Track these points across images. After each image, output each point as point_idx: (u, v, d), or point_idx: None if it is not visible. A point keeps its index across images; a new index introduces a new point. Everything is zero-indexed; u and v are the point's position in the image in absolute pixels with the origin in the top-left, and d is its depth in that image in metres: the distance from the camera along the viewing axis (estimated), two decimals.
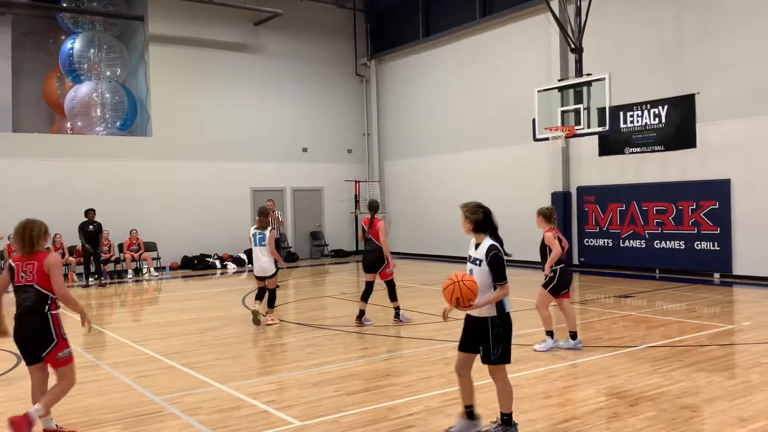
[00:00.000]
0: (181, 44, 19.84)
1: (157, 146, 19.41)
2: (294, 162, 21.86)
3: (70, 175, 17.91)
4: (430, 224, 21.00)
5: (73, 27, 19.57)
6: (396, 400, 5.98)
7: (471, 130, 19.54)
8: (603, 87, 13.01)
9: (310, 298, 13.84)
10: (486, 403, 5.62)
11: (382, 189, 23.08)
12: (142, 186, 18.80)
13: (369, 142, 23.50)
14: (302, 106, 22.02)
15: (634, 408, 5.58)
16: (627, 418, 5.32)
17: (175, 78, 19.73)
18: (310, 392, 6.36)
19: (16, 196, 16.75)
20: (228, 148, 20.49)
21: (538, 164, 17.47)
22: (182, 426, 5.47)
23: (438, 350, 7.95)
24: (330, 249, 22.45)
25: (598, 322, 9.75)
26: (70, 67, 19.28)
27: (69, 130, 19.74)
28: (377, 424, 5.31)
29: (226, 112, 20.52)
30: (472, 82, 19.47)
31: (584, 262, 16.49)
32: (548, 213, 8.63)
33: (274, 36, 21.32)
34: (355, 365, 7.40)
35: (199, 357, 8.10)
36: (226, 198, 20.51)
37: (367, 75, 23.29)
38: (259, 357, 8.09)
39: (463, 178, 19.81)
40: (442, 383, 6.48)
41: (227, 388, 6.59)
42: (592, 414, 5.46)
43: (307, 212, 22.38)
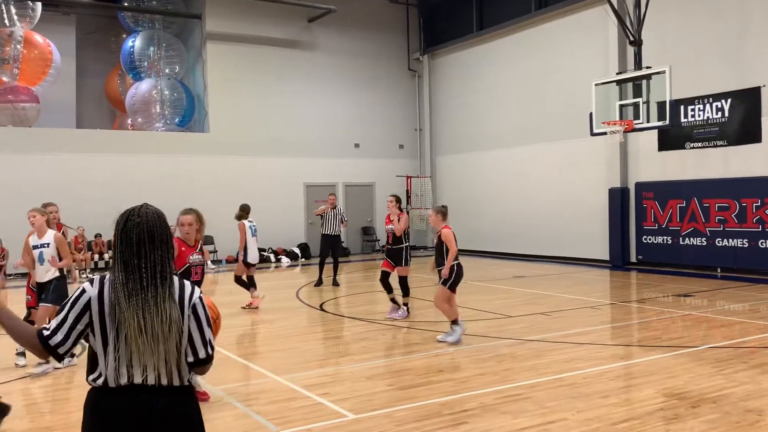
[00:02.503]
0: (237, 41, 20.17)
1: (214, 142, 19.81)
2: (346, 158, 21.98)
3: (130, 170, 18.43)
4: (482, 220, 20.83)
5: (133, 26, 20.12)
6: (449, 396, 5.95)
7: (525, 125, 19.28)
8: (663, 80, 12.64)
9: (361, 293, 13.90)
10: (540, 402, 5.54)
11: (434, 184, 23.01)
12: (199, 181, 19.20)
13: (421, 138, 23.44)
14: (354, 102, 22.12)
15: (695, 410, 5.42)
16: (688, 420, 5.17)
17: (231, 75, 20.08)
18: (363, 386, 6.39)
19: (79, 190, 17.35)
20: (282, 144, 20.74)
21: (594, 160, 17.12)
22: (239, 415, 5.58)
23: (491, 347, 7.88)
24: (381, 244, 22.50)
25: (656, 321, 9.51)
26: (131, 65, 19.83)
27: (130, 126, 20.32)
28: (431, 420, 5.30)
29: (281, 108, 20.77)
30: (527, 76, 19.20)
31: (642, 260, 16.09)
32: (445, 210, 8.49)
33: (327, 32, 21.46)
34: (407, 360, 7.40)
35: (254, 348, 8.25)
36: (280, 193, 20.77)
37: (420, 70, 23.22)
38: (313, 350, 8.17)
39: (516, 174, 19.58)
40: (496, 380, 6.42)
41: (282, 379, 6.68)
42: (652, 415, 5.33)
43: (359, 208, 22.48)
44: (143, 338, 2.41)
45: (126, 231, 2.50)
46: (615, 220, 16.51)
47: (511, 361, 7.16)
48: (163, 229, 2.54)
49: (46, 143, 17.68)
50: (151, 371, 2.45)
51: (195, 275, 5.93)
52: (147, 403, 2.45)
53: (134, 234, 2.48)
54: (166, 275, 2.49)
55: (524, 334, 8.54)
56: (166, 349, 2.45)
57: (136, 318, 2.41)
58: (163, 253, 2.50)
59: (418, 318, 10.46)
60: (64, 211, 16.51)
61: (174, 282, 2.52)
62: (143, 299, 2.42)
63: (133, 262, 2.45)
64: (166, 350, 2.45)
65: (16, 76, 17.82)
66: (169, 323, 2.44)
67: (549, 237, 18.40)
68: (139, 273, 2.45)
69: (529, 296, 12.01)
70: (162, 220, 2.56)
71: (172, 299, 2.47)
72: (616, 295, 12.52)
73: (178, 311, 2.48)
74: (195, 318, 2.52)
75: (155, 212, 2.58)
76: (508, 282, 14.11)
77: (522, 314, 10.03)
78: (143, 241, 2.47)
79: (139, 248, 2.46)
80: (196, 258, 5.97)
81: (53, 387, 6.78)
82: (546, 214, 18.50)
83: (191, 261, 5.92)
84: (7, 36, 17.64)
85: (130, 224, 2.50)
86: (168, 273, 2.50)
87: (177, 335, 2.47)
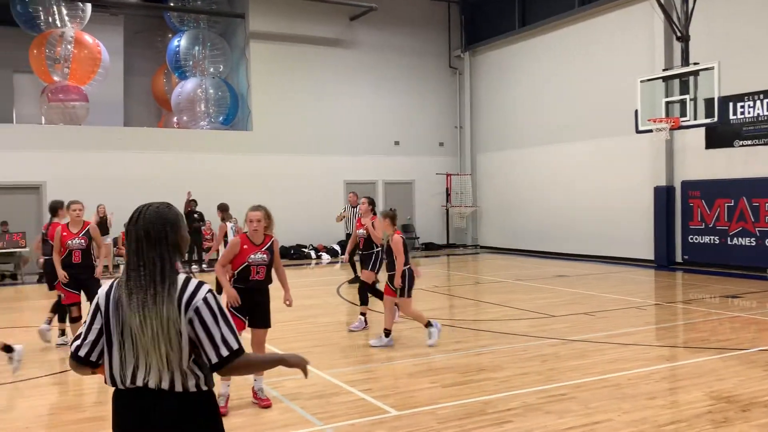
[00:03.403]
0: (280, 40, 20.39)
1: (257, 140, 20.06)
2: (386, 155, 22.02)
3: (175, 167, 18.78)
4: (522, 219, 20.66)
5: (179, 25, 20.50)
6: (492, 394, 5.95)
7: (567, 122, 19.04)
8: (711, 76, 12.34)
9: None
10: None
11: (474, 182, 22.90)
12: (242, 178, 19.45)
13: (461, 135, 23.35)
14: (395, 100, 22.14)
15: (745, 414, 5.31)
16: (738, 424, 5.07)
17: (274, 73, 20.30)
18: (405, 383, 6.42)
19: (126, 186, 17.77)
20: (323, 142, 20.89)
21: (638, 157, 16.82)
22: (284, 410, 5.66)
23: (534, 347, 7.83)
24: (421, 242, 22.51)
25: (703, 323, 9.31)
26: (177, 64, 20.21)
27: (175, 125, 20.72)
28: (474, 418, 5.30)
29: (322, 106, 20.92)
30: (570, 72, 18.96)
31: (688, 260, 15.75)
32: (394, 215, 8.26)
33: (368, 30, 21.53)
34: (448, 358, 7.41)
35: (296, 343, 8.34)
36: (321, 190, 20.93)
37: (461, 67, 23.12)
38: (355, 346, 8.23)
39: (558, 172, 19.36)
40: (539, 380, 6.39)
41: (325, 374, 6.76)
42: (700, 417, 5.24)
43: (398, 205, 22.42)
44: (143, 339, 2.36)
45: (129, 230, 2.49)
46: (660, 219, 16.20)
47: (554, 361, 7.11)
48: (162, 228, 2.46)
49: (94, 141, 18.15)
50: (152, 375, 2.38)
51: (256, 275, 5.80)
52: (147, 408, 2.40)
53: (133, 233, 2.46)
54: (166, 274, 2.41)
55: (567, 334, 8.46)
56: (166, 352, 2.37)
57: (136, 317, 2.37)
58: (162, 252, 2.43)
59: (458, 316, 10.46)
60: (110, 207, 17.02)
61: (177, 281, 2.43)
62: (142, 299, 2.38)
63: (134, 261, 2.43)
64: (167, 353, 2.37)
65: (66, 76, 18.32)
66: (167, 324, 2.36)
67: (592, 236, 18.15)
68: (138, 272, 2.41)
69: (572, 296, 11.88)
70: (162, 219, 2.48)
71: (171, 300, 2.38)
72: (662, 295, 12.29)
73: (176, 312, 2.38)
74: (200, 320, 2.40)
75: (156, 211, 2.50)
76: (551, 281, 13.98)
77: (565, 314, 9.93)
78: (141, 240, 2.44)
79: (138, 247, 2.43)
80: (258, 257, 5.80)
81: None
82: (589, 213, 18.25)
83: (251, 260, 5.78)
84: (58, 36, 18.15)
85: (131, 223, 2.49)
86: (168, 272, 2.42)
87: (176, 337, 2.38)
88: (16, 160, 17.07)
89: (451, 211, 22.97)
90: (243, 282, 5.80)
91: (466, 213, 22.90)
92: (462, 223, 23.05)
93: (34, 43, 18.15)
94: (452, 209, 22.90)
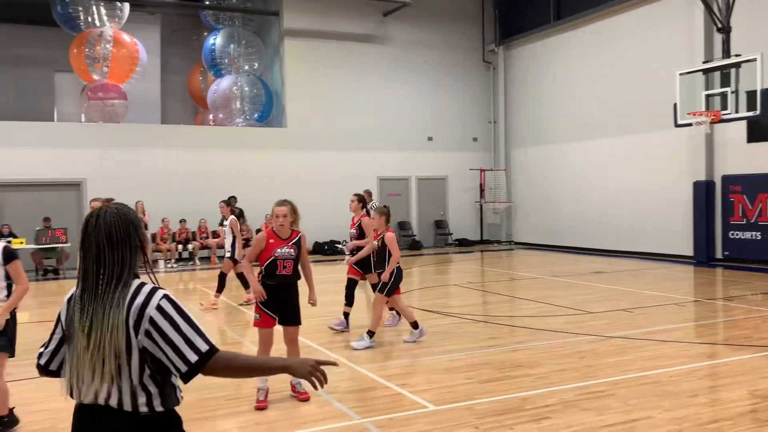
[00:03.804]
0: (314, 37, 20.49)
1: (291, 137, 20.21)
2: (419, 151, 21.99)
3: (211, 164, 19.04)
4: (558, 214, 20.46)
5: (214, 24, 20.73)
6: (530, 390, 5.91)
7: (603, 116, 18.78)
8: (753, 68, 12.05)
9: (435, 286, 13.92)
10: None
11: (508, 177, 22.74)
12: (276, 174, 19.62)
13: (495, 130, 23.19)
14: (428, 95, 22.09)
15: None
16: None
17: (307, 70, 20.42)
18: (442, 378, 6.42)
19: (163, 183, 18.09)
20: (356, 138, 20.94)
21: (677, 152, 16.51)
22: (322, 403, 5.71)
23: (571, 343, 7.76)
24: (454, 238, 22.44)
25: (745, 320, 9.12)
26: (212, 62, 20.45)
27: (211, 122, 20.98)
28: (512, 414, 5.28)
29: (355, 102, 20.98)
30: (606, 66, 18.68)
31: (728, 256, 15.43)
32: (388, 212, 8.06)
33: (401, 26, 21.51)
34: (485, 354, 7.38)
35: (332, 338, 8.40)
36: (355, 187, 20.80)
37: (495, 61, 22.96)
38: (390, 341, 8.25)
39: (594, 167, 19.11)
40: (577, 376, 6.33)
41: (361, 369, 6.80)
42: (744, 416, 5.14)
43: (432, 201, 22.47)
44: (88, 352, 2.18)
45: (86, 239, 2.27)
46: (700, 214, 15.89)
47: (592, 358, 7.04)
48: (126, 229, 2.28)
49: (133, 138, 18.49)
50: (101, 390, 2.19)
51: (283, 269, 5.78)
52: (98, 426, 2.21)
53: (93, 240, 2.25)
54: (123, 280, 2.23)
55: (605, 331, 8.36)
56: (111, 366, 2.16)
57: (85, 328, 2.19)
58: (125, 255, 2.25)
59: (493, 312, 10.41)
60: (148, 204, 17.33)
61: (130, 289, 2.23)
62: (95, 308, 2.19)
63: (92, 270, 2.23)
64: (113, 367, 2.16)
65: (105, 75, 18.68)
66: (114, 336, 2.16)
67: (629, 232, 17.89)
68: (96, 280, 2.22)
69: (609, 292, 11.74)
70: (123, 219, 2.29)
71: (119, 310, 2.18)
72: (701, 292, 12.07)
73: (124, 323, 2.17)
74: (157, 330, 2.18)
75: (115, 212, 2.30)
76: (588, 277, 13.82)
77: (602, 310, 9.82)
78: (102, 246, 2.24)
79: (98, 254, 2.23)
80: (285, 251, 5.79)
81: None
82: (625, 208, 17.99)
83: (278, 254, 5.78)
84: (97, 36, 18.50)
85: (89, 229, 2.27)
86: (126, 277, 2.24)
87: (124, 350, 2.17)
88: (57, 158, 17.49)
89: (485, 207, 22.85)
90: (271, 278, 5.80)
91: (501, 209, 22.75)
92: (496, 219, 22.91)
93: (74, 43, 18.53)
94: (486, 205, 22.78)
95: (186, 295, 12.02)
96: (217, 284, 11.08)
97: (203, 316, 10.44)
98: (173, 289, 14.10)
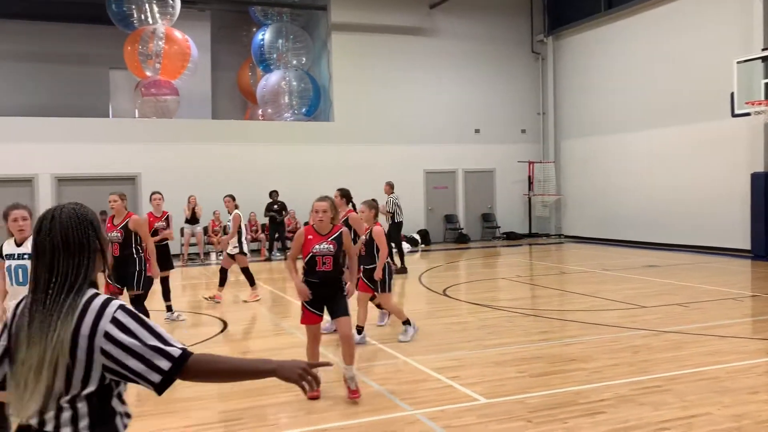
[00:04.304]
0: (361, 31, 20.54)
1: (338, 131, 20.33)
2: (466, 143, 21.85)
3: (260, 159, 19.30)
4: (609, 207, 20.08)
5: (263, 19, 20.98)
6: (583, 385, 5.85)
7: (656, 106, 18.32)
8: None
9: (483, 280, 13.85)
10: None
11: (558, 170, 22.41)
12: (323, 168, 19.75)
13: (544, 122, 22.88)
14: (476, 87, 21.92)
15: None
16: None
17: (354, 64, 20.49)
18: (493, 371, 6.40)
19: (214, 177, 18.41)
20: (403, 131, 20.93)
21: (733, 142, 16.00)
22: (374, 394, 5.76)
23: (625, 338, 7.63)
24: (501, 231, 22.26)
25: None
26: (261, 58, 20.71)
27: (260, 117, 21.27)
28: (565, 408, 5.23)
29: (402, 95, 20.96)
30: (659, 55, 18.20)
31: None
32: (377, 205, 7.85)
33: (448, 17, 21.38)
34: (536, 348, 7.32)
35: (383, 330, 8.44)
36: (401, 180, 20.88)
37: (544, 52, 22.63)
38: (440, 334, 8.25)
39: (646, 159, 18.67)
40: (632, 371, 6.23)
41: (412, 361, 6.82)
42: None
43: (479, 194, 22.32)
44: (28, 367, 1.94)
45: (39, 242, 2.05)
46: (758, 206, 15.38)
47: (647, 353, 6.91)
48: (84, 231, 2.06)
49: (185, 133, 18.90)
50: (38, 411, 1.95)
51: (322, 265, 5.66)
52: None
53: (47, 243, 2.02)
54: (76, 288, 2.01)
55: (660, 325, 8.19)
56: (59, 385, 1.94)
57: (29, 341, 1.96)
58: (82, 260, 2.04)
59: (543, 306, 10.31)
60: (200, 198, 17.68)
61: (83, 299, 2.00)
62: (41, 320, 1.96)
63: (44, 278, 2.01)
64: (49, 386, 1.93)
65: (158, 71, 19.10)
66: (62, 351, 1.93)
67: (682, 225, 17.44)
68: (46, 289, 1.99)
69: (663, 286, 11.48)
70: (81, 220, 2.07)
71: (67, 323, 1.95)
72: (760, 286, 11.70)
73: (71, 336, 1.95)
74: (117, 344, 1.96)
75: (72, 213, 2.07)
76: (640, 271, 13.55)
77: (656, 305, 9.62)
78: (57, 250, 2.02)
79: (53, 260, 2.01)
80: (323, 247, 5.65)
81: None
82: (679, 201, 17.53)
83: (316, 251, 5.65)
84: (150, 33, 18.93)
85: (42, 232, 2.05)
86: (80, 286, 2.02)
87: (63, 368, 1.94)
88: (113, 153, 18.02)
89: (534, 200, 22.59)
90: (312, 274, 5.71)
91: (550, 201, 22.46)
92: (545, 212, 22.62)
93: (128, 41, 19.00)
94: (535, 198, 22.52)
95: (237, 286, 12.22)
96: (222, 278, 10.95)
97: (250, 308, 10.60)
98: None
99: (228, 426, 5.14)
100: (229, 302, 11.00)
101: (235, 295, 11.65)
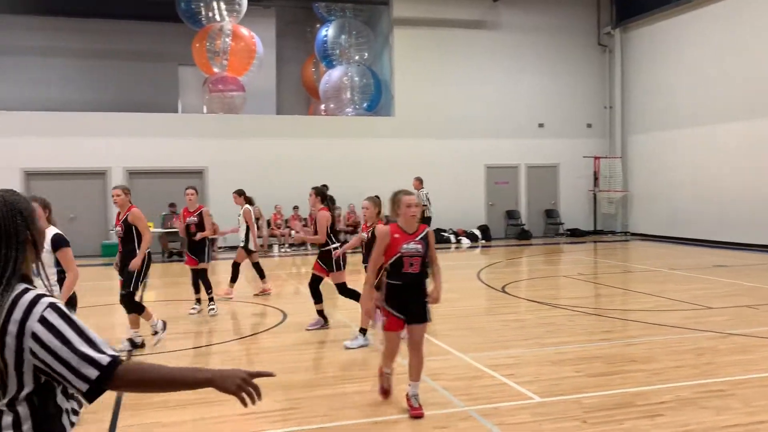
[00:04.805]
0: (423, 25, 20.50)
1: (399, 125, 20.38)
2: (529, 138, 21.53)
3: (322, 153, 19.54)
4: (677, 204, 19.42)
5: (327, 15, 21.21)
6: (643, 386, 5.70)
7: (728, 100, 17.58)
8: None
9: (544, 277, 13.65)
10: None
11: (625, 165, 21.82)
12: (385, 163, 19.84)
13: (611, 116, 22.30)
14: (540, 81, 21.56)
15: None
16: None
17: (416, 59, 20.48)
18: (549, 370, 6.31)
19: (278, 171, 18.77)
20: (464, 126, 20.80)
21: None
22: (427, 389, 5.76)
23: (689, 339, 7.40)
24: (565, 228, 21.85)
25: None
26: (324, 53, 20.94)
27: (323, 112, 21.52)
28: (624, 409, 5.12)
29: (464, 89, 20.82)
30: (731, 48, 17.46)
31: None
32: (380, 203, 7.45)
33: (512, 10, 21.09)
34: (596, 347, 7.18)
35: (437, 326, 8.42)
36: (462, 175, 20.88)
37: (611, 45, 22.04)
38: (497, 331, 8.19)
39: (717, 155, 17.96)
40: (695, 374, 6.03)
41: (467, 357, 6.80)
42: None
43: (542, 189, 21.96)
44: None
45: None
46: None
47: (712, 355, 6.68)
48: (12, 219, 1.92)
49: (251, 128, 19.32)
50: None
51: (410, 267, 5.10)
52: None
53: None
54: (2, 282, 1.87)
55: (727, 327, 7.89)
56: None
57: None
58: (8, 252, 1.89)
59: (605, 305, 10.10)
60: (265, 192, 18.04)
61: (12, 294, 1.86)
62: None
63: None
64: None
65: (225, 67, 19.56)
66: None
67: (754, 223, 16.71)
68: None
69: (731, 287, 11.05)
70: (9, 208, 1.93)
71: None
72: None
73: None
74: (43, 347, 1.81)
75: (4, 202, 1.94)
76: (708, 271, 13.08)
77: (724, 306, 9.27)
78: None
79: None
80: (411, 247, 5.10)
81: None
82: (751, 199, 16.80)
83: (404, 250, 5.09)
84: (217, 30, 19.41)
85: None
86: (9, 277, 1.88)
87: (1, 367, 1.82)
88: (181, 147, 18.60)
89: (599, 196, 22.07)
90: (397, 276, 5.16)
91: (616, 198, 21.90)
92: (611, 209, 22.08)
93: (197, 38, 19.53)
94: (600, 194, 22.00)
95: (298, 278, 12.44)
96: (231, 274, 11.04)
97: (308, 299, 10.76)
98: (286, 272, 14.66)
99: (285, 414, 5.24)
100: (290, 294, 11.20)
101: (296, 287, 11.85)
